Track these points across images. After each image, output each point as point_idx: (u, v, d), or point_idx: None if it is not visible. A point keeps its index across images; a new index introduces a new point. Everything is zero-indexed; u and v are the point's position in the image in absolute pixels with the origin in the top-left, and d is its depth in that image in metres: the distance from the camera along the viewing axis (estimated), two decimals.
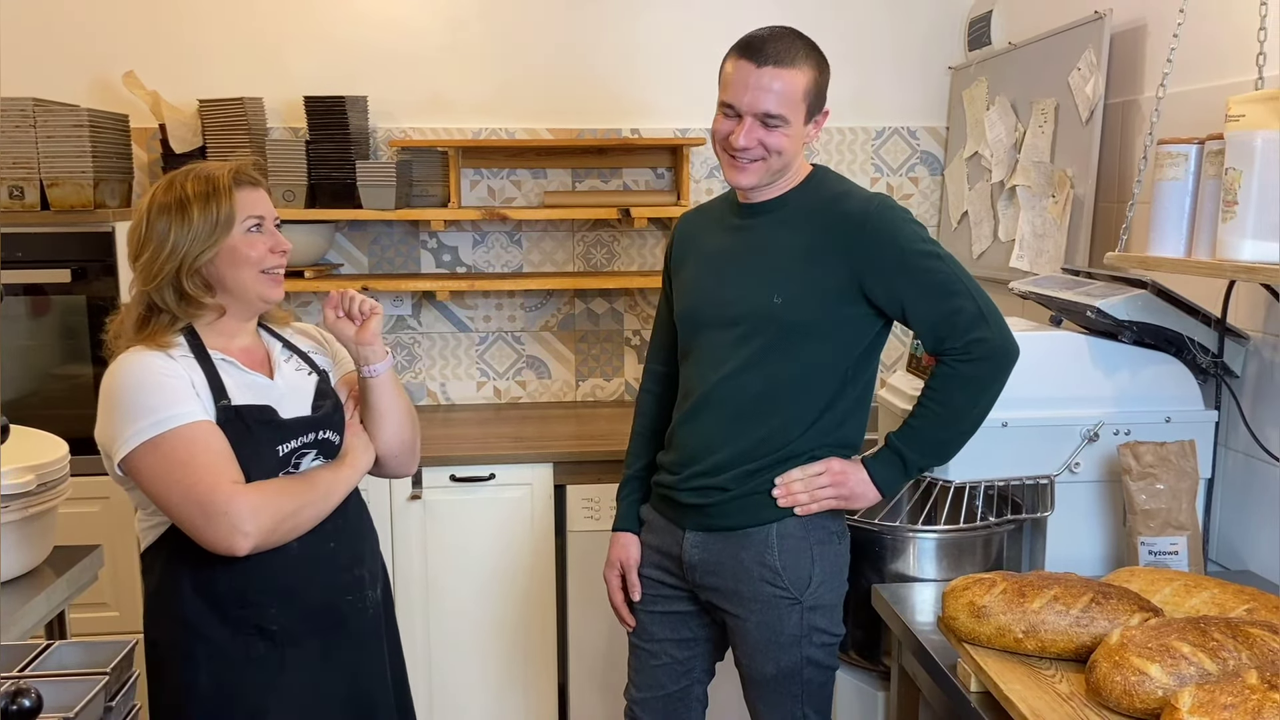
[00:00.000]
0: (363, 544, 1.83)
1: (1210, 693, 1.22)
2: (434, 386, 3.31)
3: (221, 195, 1.66)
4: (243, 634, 1.65)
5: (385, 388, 1.80)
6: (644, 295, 3.32)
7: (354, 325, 1.78)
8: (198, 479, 1.56)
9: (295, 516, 1.65)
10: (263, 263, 1.69)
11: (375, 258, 3.24)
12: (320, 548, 1.71)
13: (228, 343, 1.72)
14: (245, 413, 1.65)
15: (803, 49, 1.80)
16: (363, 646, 1.79)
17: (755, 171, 1.83)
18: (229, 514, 1.56)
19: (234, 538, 1.57)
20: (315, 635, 1.71)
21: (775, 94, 1.77)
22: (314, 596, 1.71)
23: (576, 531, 2.78)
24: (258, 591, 1.66)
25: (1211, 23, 2.03)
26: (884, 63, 3.26)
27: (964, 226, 3.08)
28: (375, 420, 1.81)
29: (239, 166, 1.71)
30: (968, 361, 1.77)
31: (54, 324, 2.74)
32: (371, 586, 1.81)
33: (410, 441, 1.87)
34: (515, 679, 2.80)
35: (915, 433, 1.83)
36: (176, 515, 1.60)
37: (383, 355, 1.80)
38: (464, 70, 3.18)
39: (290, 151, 2.92)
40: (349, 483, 1.76)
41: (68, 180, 2.70)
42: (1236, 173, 1.60)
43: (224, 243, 1.65)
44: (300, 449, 1.71)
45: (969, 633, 1.54)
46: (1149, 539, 1.87)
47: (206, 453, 1.58)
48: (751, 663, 1.91)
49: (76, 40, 3.05)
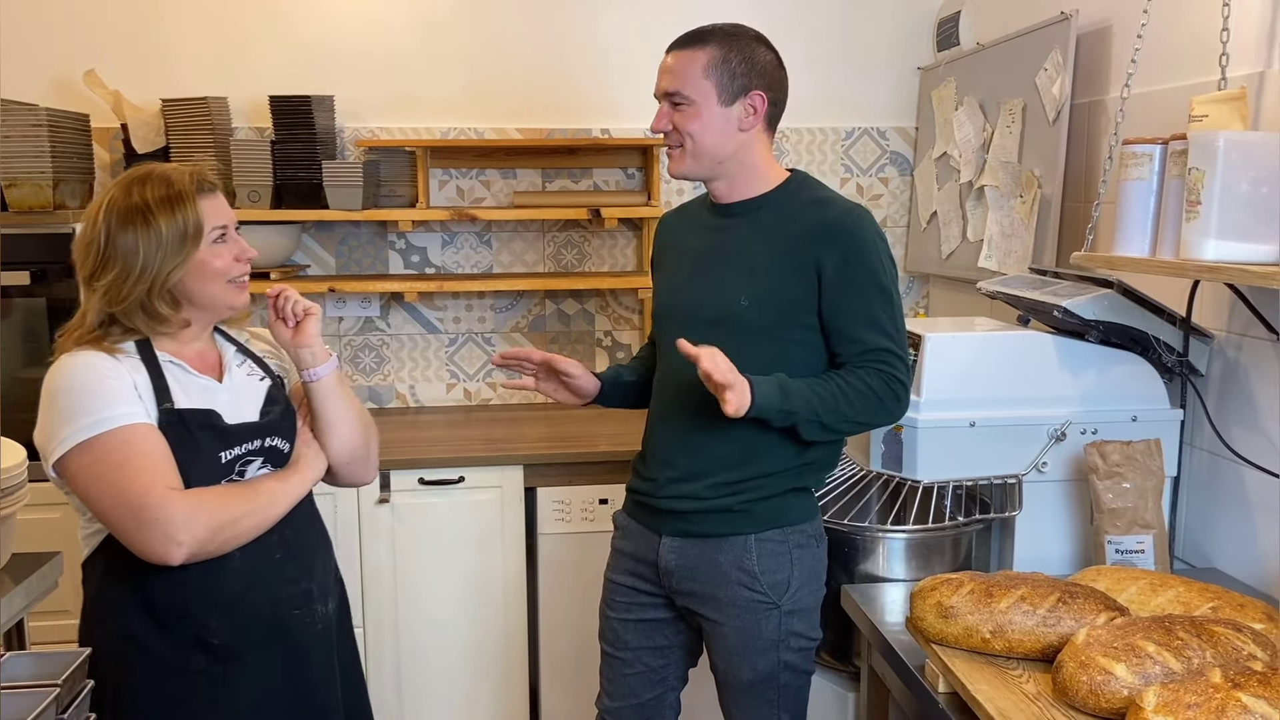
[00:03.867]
0: (313, 557, 1.76)
1: (1174, 691, 1.22)
2: (403, 388, 3.28)
3: (187, 204, 1.59)
4: (183, 647, 1.59)
5: (330, 392, 1.73)
6: (615, 296, 3.31)
7: (288, 328, 1.71)
8: (131, 482, 1.50)
9: (234, 526, 1.57)
10: (229, 273, 1.64)
11: (343, 259, 3.21)
12: (264, 559, 1.65)
13: (180, 347, 1.66)
14: (188, 416, 1.59)
15: (720, 33, 1.81)
16: (311, 663, 1.72)
17: (679, 158, 1.84)
18: (161, 520, 1.49)
19: (167, 546, 1.50)
20: (259, 650, 1.64)
21: (673, 74, 1.80)
22: (258, 609, 1.64)
23: (547, 534, 2.76)
24: (197, 603, 1.59)
25: (1175, 24, 2.04)
26: (853, 63, 3.27)
27: (933, 227, 3.09)
28: (323, 427, 1.74)
29: (199, 171, 1.65)
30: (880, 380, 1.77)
31: (13, 326, 2.69)
32: (321, 601, 1.74)
33: (363, 448, 1.80)
34: (486, 681, 2.78)
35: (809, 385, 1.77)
36: (109, 521, 1.54)
37: (324, 358, 1.72)
38: (432, 70, 3.15)
39: (256, 152, 2.89)
40: (296, 492, 1.69)
41: (26, 181, 2.66)
42: (1200, 173, 1.61)
43: (193, 257, 1.59)
44: (245, 456, 1.64)
45: (937, 633, 1.54)
46: (1116, 538, 1.88)
47: (143, 456, 1.52)
48: (728, 667, 1.90)
49: (36, 38, 3.00)
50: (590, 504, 2.75)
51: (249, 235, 2.89)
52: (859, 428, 1.86)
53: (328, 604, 1.76)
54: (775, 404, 1.73)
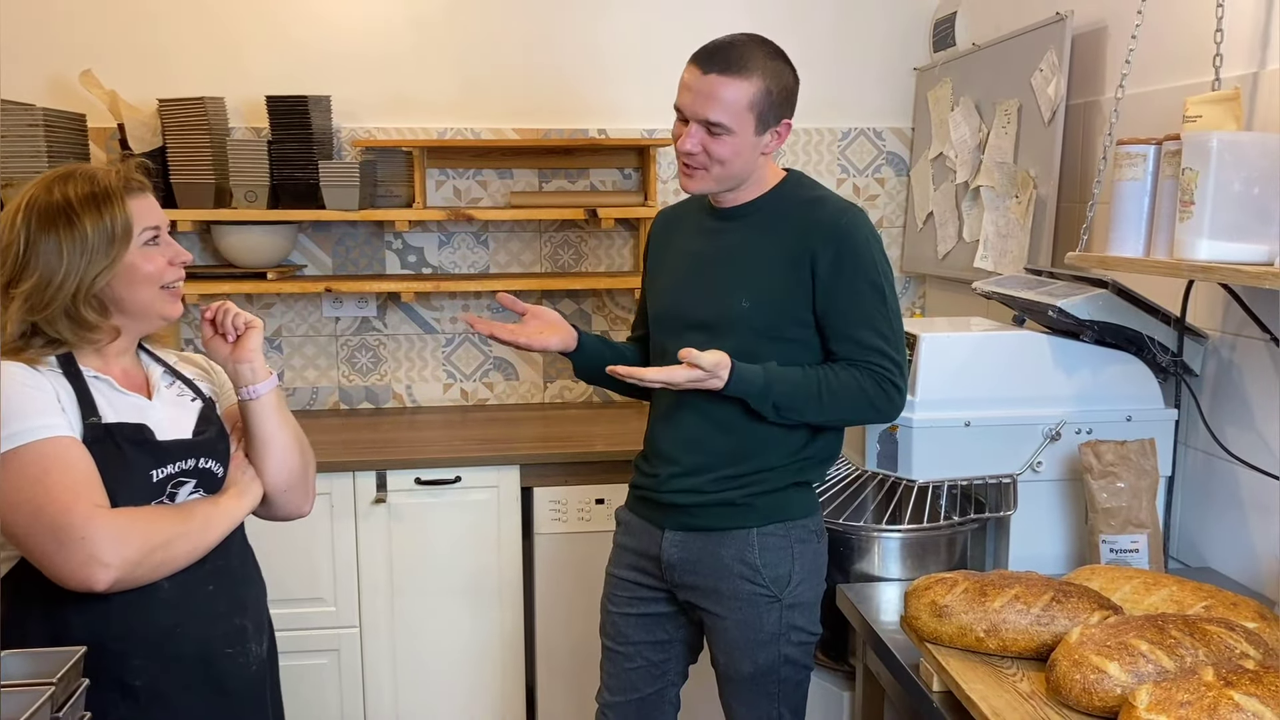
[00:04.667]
0: (246, 590, 1.64)
1: (1167, 690, 1.23)
2: (400, 389, 3.28)
3: (114, 203, 1.47)
4: (100, 690, 1.38)
5: (268, 412, 1.61)
6: (612, 296, 3.31)
7: (228, 343, 1.61)
8: (51, 499, 1.36)
9: (166, 549, 1.44)
10: (162, 277, 1.52)
11: (339, 259, 3.21)
12: (196, 590, 1.52)
13: (105, 364, 1.53)
14: (116, 431, 1.46)
15: (758, 58, 1.77)
16: (243, 708, 1.60)
17: (701, 180, 1.83)
18: (86, 539, 1.36)
19: (91, 568, 1.37)
20: (185, 693, 1.51)
21: (716, 101, 1.75)
22: (187, 647, 1.51)
23: (544, 534, 2.76)
24: (118, 639, 1.45)
25: (1170, 25, 2.05)
26: (850, 64, 3.27)
27: (929, 227, 3.10)
28: (259, 449, 1.62)
29: (126, 170, 1.54)
30: (873, 382, 1.78)
31: None
32: (256, 639, 1.62)
33: (300, 473, 1.68)
34: (483, 682, 2.78)
35: (793, 374, 1.79)
36: (24, 542, 1.39)
37: (264, 375, 1.61)
38: (429, 70, 3.16)
39: (252, 152, 2.89)
40: (231, 518, 1.57)
41: (23, 181, 2.63)
42: (1193, 173, 1.62)
43: (121, 260, 1.47)
44: (177, 476, 1.53)
45: (931, 632, 1.55)
46: (1110, 537, 1.88)
47: (65, 470, 1.39)
48: (729, 661, 1.91)
49: (32, 38, 2.99)
50: (586, 504, 2.75)
51: (246, 236, 2.92)
52: (845, 424, 1.89)
53: (261, 644, 1.65)
54: (750, 394, 1.76)
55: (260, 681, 1.64)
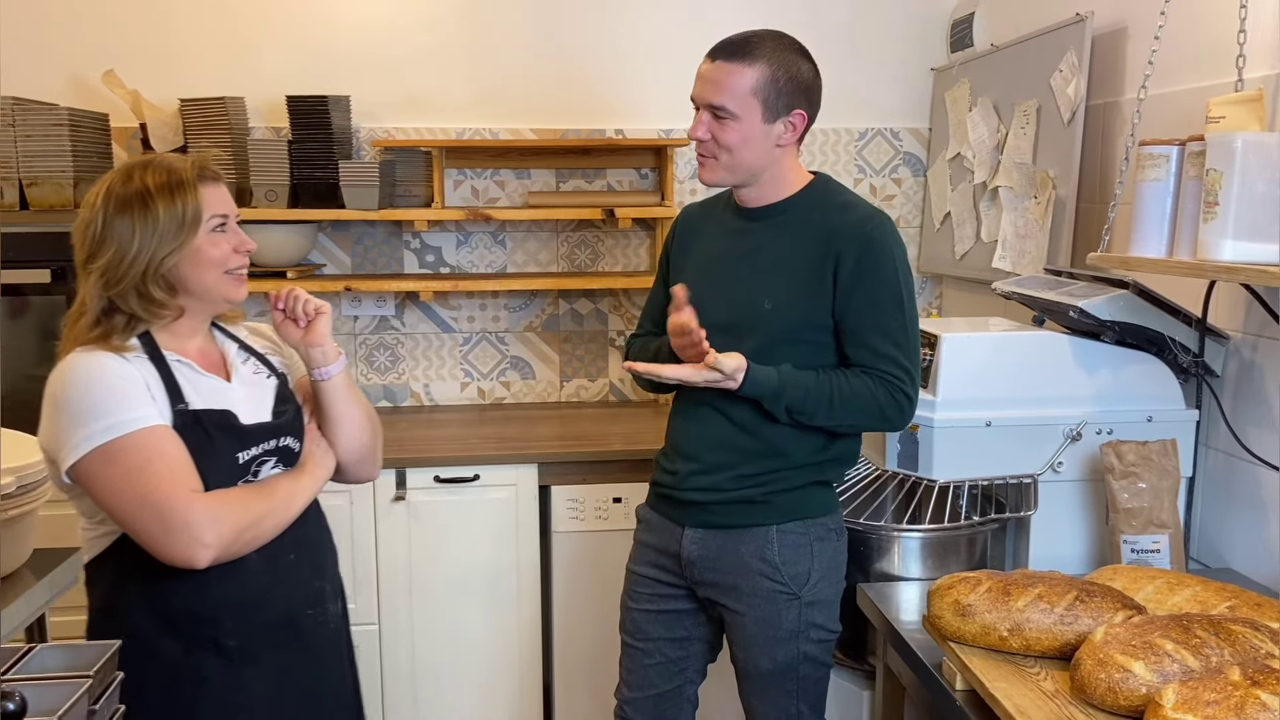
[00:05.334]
0: (323, 555, 1.76)
1: (1194, 689, 1.23)
2: (417, 387, 3.30)
3: (187, 191, 1.56)
4: (197, 652, 1.56)
5: (339, 391, 1.72)
6: (628, 296, 3.32)
7: (299, 327, 1.70)
8: (154, 487, 1.48)
9: (257, 526, 1.57)
10: (227, 263, 1.61)
11: (358, 258, 3.23)
12: (281, 559, 1.64)
13: (183, 344, 1.62)
14: (204, 418, 1.56)
15: (768, 48, 1.79)
16: (322, 662, 1.72)
17: (713, 169, 1.84)
18: (189, 524, 1.48)
19: (194, 549, 1.48)
20: (273, 651, 1.63)
21: (720, 86, 1.78)
22: (273, 610, 1.63)
23: (561, 532, 2.77)
24: (214, 605, 1.57)
25: (1192, 25, 2.05)
26: (867, 64, 3.28)
27: (947, 227, 3.10)
28: (332, 425, 1.73)
29: (201, 160, 1.63)
30: (885, 391, 1.79)
31: (32, 324, 2.71)
32: (332, 600, 1.74)
33: (370, 446, 1.79)
34: (500, 679, 2.80)
35: (807, 379, 1.80)
36: (131, 526, 1.51)
37: (334, 357, 1.71)
38: (447, 70, 3.17)
39: (272, 151, 2.90)
40: (310, 491, 1.68)
41: (47, 180, 2.68)
42: (1217, 174, 1.62)
43: (190, 243, 1.56)
44: (260, 456, 1.63)
45: (954, 631, 1.55)
46: (1131, 537, 1.89)
47: (163, 459, 1.49)
48: (748, 658, 1.92)
49: (56, 39, 3.02)
50: (604, 503, 2.76)
51: (266, 234, 2.93)
52: (855, 429, 1.88)
53: (337, 603, 1.76)
54: (764, 394, 1.78)
55: (337, 636, 1.76)
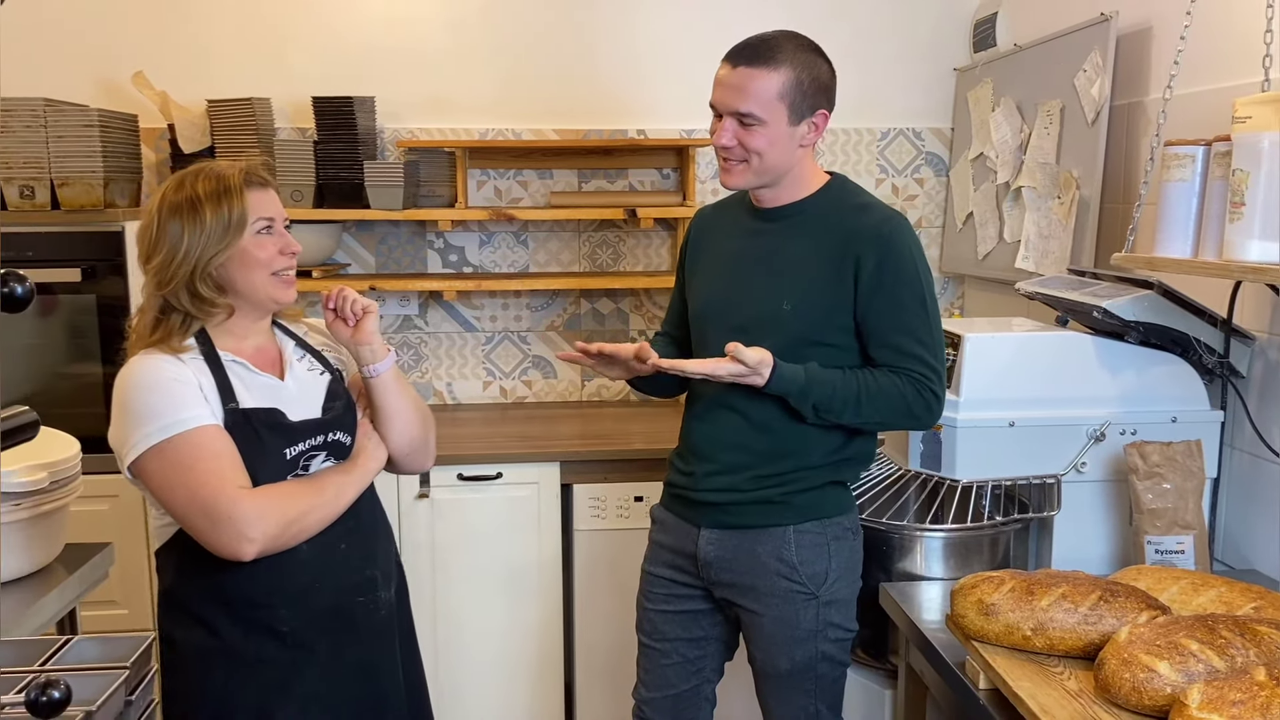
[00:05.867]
0: (375, 543, 1.81)
1: (1219, 689, 1.23)
2: (440, 386, 3.32)
3: (234, 196, 1.64)
4: (255, 636, 1.65)
5: (389, 387, 1.77)
6: (650, 295, 3.33)
7: (349, 326, 1.76)
8: (202, 484, 1.55)
9: (302, 520, 1.63)
10: (273, 265, 1.68)
11: (382, 258, 3.25)
12: (331, 549, 1.70)
13: (239, 343, 1.70)
14: (253, 416, 1.64)
15: (788, 50, 1.79)
16: (375, 647, 1.78)
17: (740, 173, 1.84)
18: (234, 519, 1.55)
19: (239, 543, 1.56)
20: (326, 636, 1.70)
21: (746, 93, 1.78)
22: (324, 598, 1.69)
23: (583, 530, 2.79)
24: (267, 594, 1.65)
25: (1218, 25, 2.04)
26: (889, 64, 3.27)
27: (969, 228, 3.10)
28: (383, 420, 1.79)
29: (250, 167, 1.70)
30: (913, 389, 1.79)
31: (62, 323, 2.75)
32: (385, 587, 1.80)
33: (422, 439, 1.85)
34: (522, 677, 2.81)
35: (834, 376, 1.80)
36: (182, 520, 1.60)
37: (383, 354, 1.76)
38: (471, 71, 3.19)
39: (298, 152, 2.93)
40: (359, 484, 1.74)
41: (78, 180, 2.71)
42: (1243, 174, 1.61)
43: (236, 245, 1.64)
44: (309, 451, 1.69)
45: (977, 630, 1.55)
46: (1155, 538, 1.88)
47: (212, 457, 1.57)
48: (766, 657, 1.92)
49: (86, 41, 3.06)
50: (625, 501, 2.77)
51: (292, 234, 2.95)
52: (882, 428, 1.89)
53: (390, 589, 1.81)
54: (790, 392, 1.78)
55: (389, 622, 1.81)
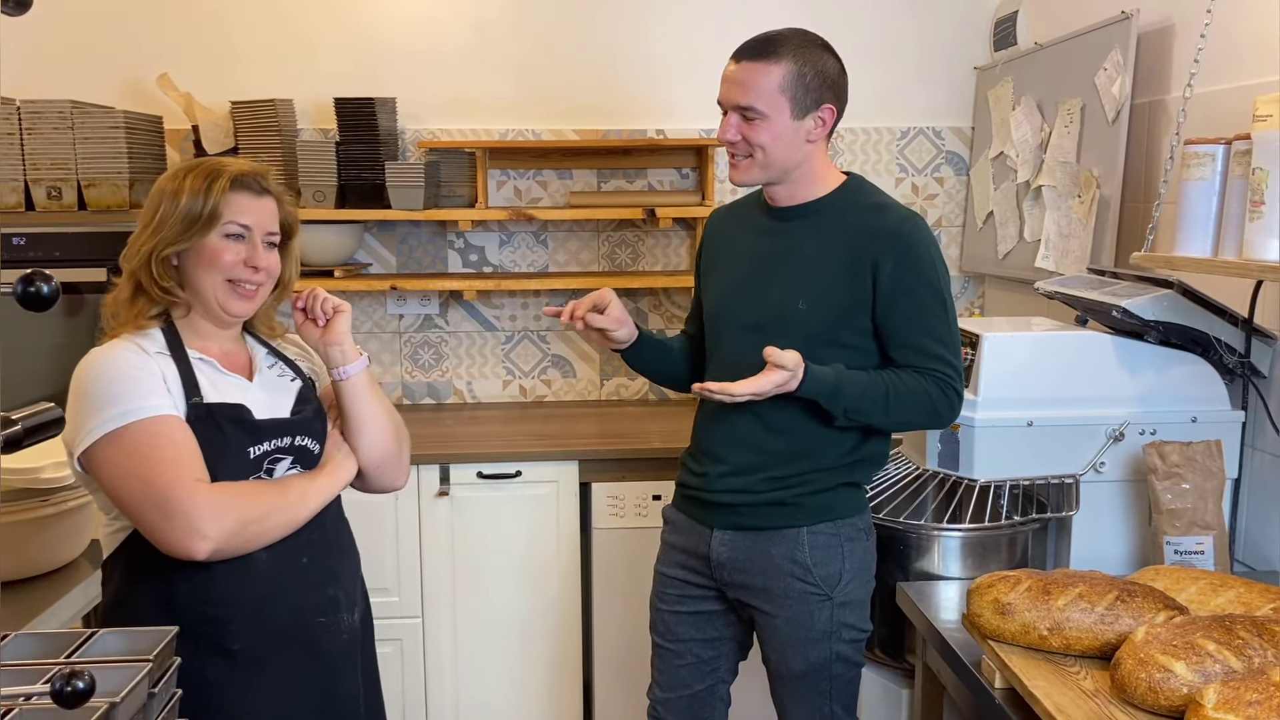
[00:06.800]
0: (341, 562, 1.72)
1: (1236, 689, 1.23)
2: (460, 385, 3.34)
3: (213, 193, 1.57)
4: (201, 653, 1.52)
5: (359, 392, 1.69)
6: (668, 295, 3.34)
7: (318, 327, 1.69)
8: (158, 473, 1.47)
9: (261, 522, 1.53)
10: (231, 271, 1.59)
11: (403, 257, 3.28)
12: (292, 561, 1.60)
13: (206, 344, 1.63)
14: (217, 410, 1.56)
15: (790, 45, 1.80)
16: (334, 673, 1.66)
17: (746, 169, 1.85)
18: (188, 513, 1.46)
19: (191, 539, 1.47)
20: (282, 656, 1.59)
21: (746, 87, 1.79)
22: (282, 614, 1.59)
23: (601, 529, 2.80)
24: (219, 605, 1.54)
25: (1239, 23, 2.03)
26: (909, 63, 3.27)
27: (989, 227, 3.09)
28: (353, 428, 1.70)
29: (252, 170, 1.64)
30: (937, 388, 1.79)
31: (88, 323, 2.78)
32: (348, 610, 1.69)
33: (394, 451, 1.76)
34: (540, 675, 2.83)
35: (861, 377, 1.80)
36: (134, 513, 1.51)
37: (354, 356, 1.69)
38: (491, 72, 3.21)
39: (320, 152, 2.96)
40: (326, 493, 1.64)
41: (104, 181, 2.75)
42: (1264, 173, 1.61)
43: (198, 241, 1.57)
44: (274, 453, 1.61)
45: (994, 629, 1.56)
46: (1174, 538, 1.87)
47: (170, 447, 1.49)
48: (780, 659, 1.93)
49: (112, 44, 3.10)
50: (644, 499, 2.78)
51: (313, 234, 2.99)
52: (908, 427, 1.90)
53: (353, 614, 1.72)
54: (823, 394, 1.77)
55: (351, 648, 1.71)
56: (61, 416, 0.86)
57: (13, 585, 1.87)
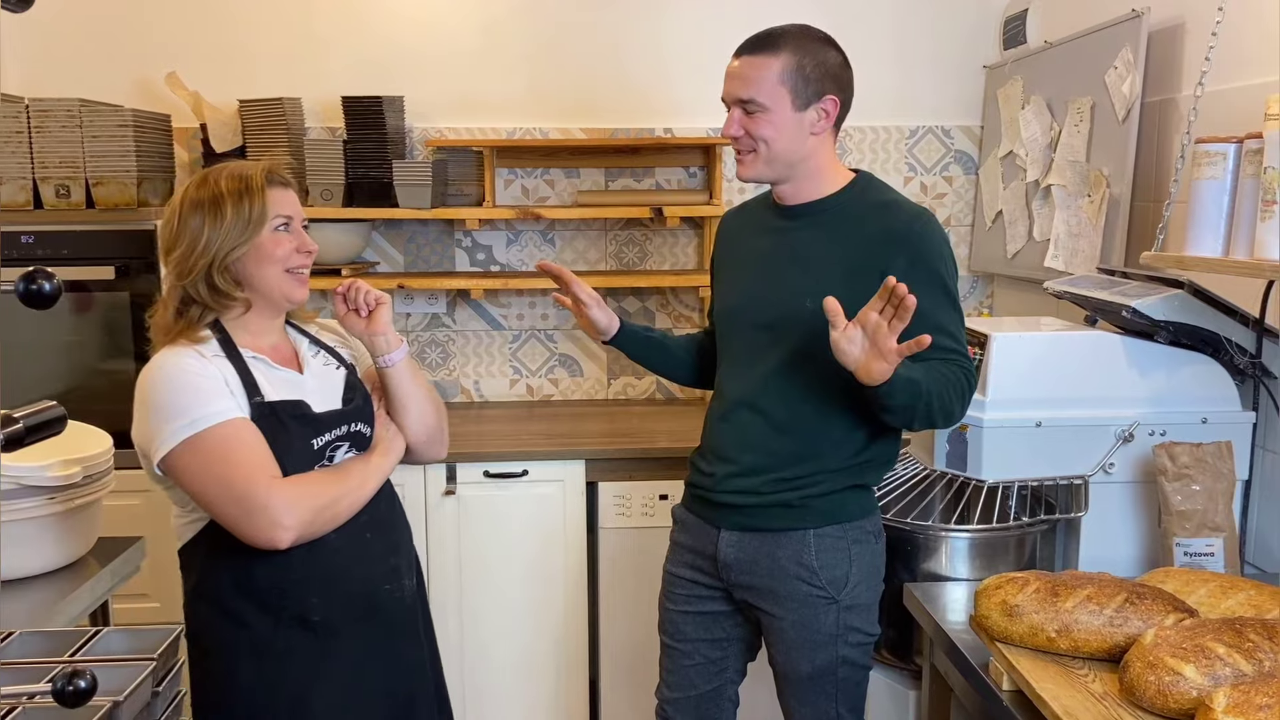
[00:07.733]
0: (397, 534, 1.85)
1: (1245, 693, 1.22)
2: (467, 384, 3.34)
3: (254, 194, 1.68)
4: (284, 625, 1.68)
5: (403, 376, 1.82)
6: (676, 294, 3.33)
7: (362, 318, 1.80)
8: (236, 475, 1.59)
9: (333, 507, 1.67)
10: (288, 261, 1.71)
11: (411, 256, 3.28)
12: (357, 538, 1.74)
13: (256, 340, 1.74)
14: (279, 408, 1.67)
15: (791, 38, 1.80)
16: (401, 635, 1.81)
17: (750, 163, 1.85)
18: (268, 508, 1.59)
19: (274, 531, 1.59)
20: (355, 625, 1.73)
21: (746, 80, 1.80)
22: (353, 586, 1.73)
23: (608, 528, 2.80)
24: (298, 582, 1.68)
25: (1250, 21, 2.01)
26: (919, 62, 3.26)
27: (998, 226, 3.07)
28: (399, 409, 1.83)
29: (272, 166, 1.74)
30: (962, 376, 1.77)
31: (97, 320, 2.79)
32: (408, 576, 1.84)
33: (436, 427, 1.89)
34: (547, 674, 2.83)
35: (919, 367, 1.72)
36: (217, 512, 1.63)
37: (396, 344, 1.81)
38: (498, 70, 3.21)
39: (328, 151, 2.96)
40: (382, 472, 1.78)
41: (112, 179, 2.76)
42: (1275, 172, 1.59)
43: (254, 240, 1.67)
44: (334, 442, 1.73)
45: (1001, 631, 1.55)
46: (1184, 540, 1.86)
47: (243, 449, 1.61)
48: (787, 661, 1.92)
49: (120, 42, 3.11)
50: (650, 499, 2.78)
51: (321, 233, 2.99)
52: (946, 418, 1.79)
53: (412, 579, 1.86)
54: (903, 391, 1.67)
55: (414, 609, 1.85)
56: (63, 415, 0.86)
57: (19, 583, 1.87)
